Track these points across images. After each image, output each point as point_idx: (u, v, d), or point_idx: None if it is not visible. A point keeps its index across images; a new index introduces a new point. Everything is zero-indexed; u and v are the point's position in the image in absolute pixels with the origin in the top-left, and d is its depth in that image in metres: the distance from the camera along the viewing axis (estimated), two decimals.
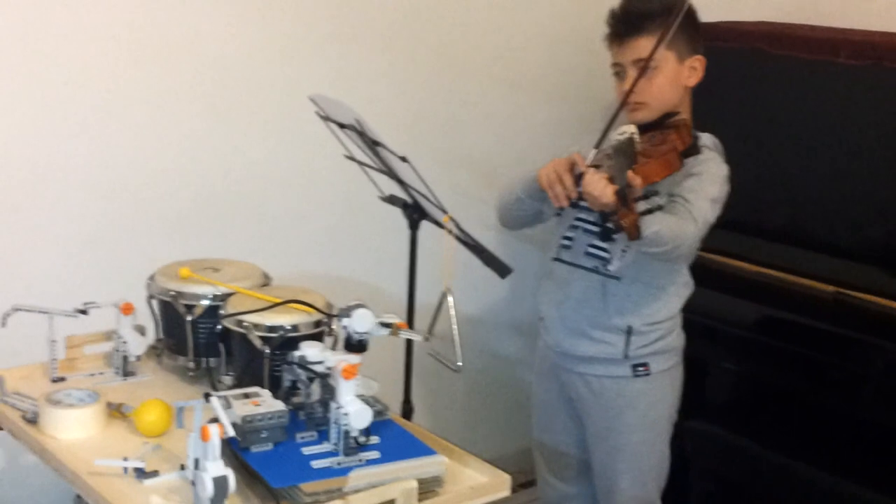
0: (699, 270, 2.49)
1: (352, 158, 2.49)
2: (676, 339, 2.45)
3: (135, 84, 2.66)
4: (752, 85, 3.05)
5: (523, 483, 3.22)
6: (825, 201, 2.92)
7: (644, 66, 2.24)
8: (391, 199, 2.50)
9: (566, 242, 2.43)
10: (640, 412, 2.43)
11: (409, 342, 2.49)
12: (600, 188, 2.02)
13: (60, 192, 2.59)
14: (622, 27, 2.31)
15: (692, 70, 2.34)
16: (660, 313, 2.39)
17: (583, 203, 2.17)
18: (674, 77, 2.31)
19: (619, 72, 2.34)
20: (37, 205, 2.56)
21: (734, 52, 3.01)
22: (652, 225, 2.09)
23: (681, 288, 2.42)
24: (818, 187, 2.94)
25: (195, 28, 2.73)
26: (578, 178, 2.15)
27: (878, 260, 2.81)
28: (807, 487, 2.72)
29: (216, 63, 2.78)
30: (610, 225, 2.03)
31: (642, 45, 2.27)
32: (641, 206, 2.01)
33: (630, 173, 2.00)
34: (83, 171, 2.61)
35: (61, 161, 2.58)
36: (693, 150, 2.25)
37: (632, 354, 2.38)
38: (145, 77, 2.67)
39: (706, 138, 2.35)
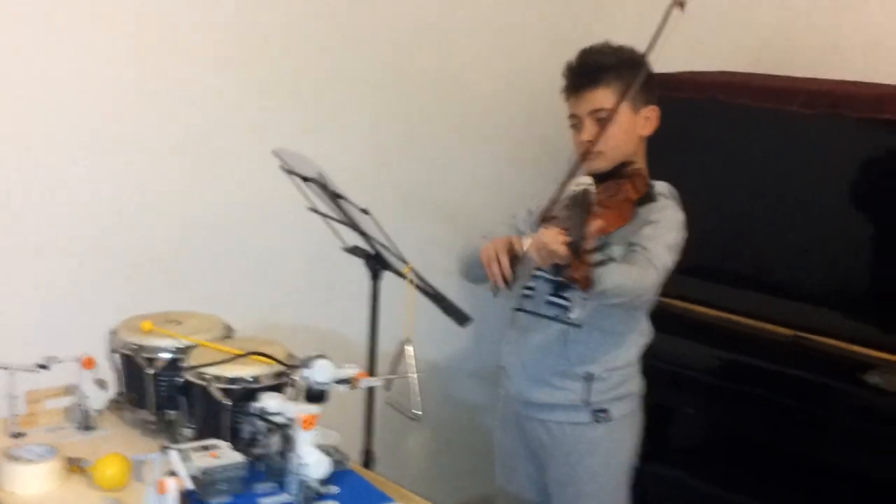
0: (660, 316, 2.53)
1: (315, 210, 2.52)
2: (636, 384, 2.48)
3: (97, 135, 2.68)
4: (711, 134, 3.12)
5: None
6: (783, 247, 2.99)
7: (608, 118, 2.29)
8: (354, 250, 2.53)
9: (528, 292, 2.46)
10: (601, 457, 2.46)
11: (369, 392, 2.50)
12: (553, 241, 2.04)
13: (20, 246, 2.60)
14: (578, 80, 2.36)
15: (646, 120, 2.39)
16: (619, 360, 2.42)
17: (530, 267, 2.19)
18: (629, 127, 2.36)
19: (575, 123, 2.39)
20: None
21: (693, 102, 3.08)
22: (611, 278, 2.12)
23: (639, 335, 2.46)
24: (776, 233, 3.00)
25: (161, 83, 2.76)
26: (514, 259, 2.21)
27: (836, 303, 2.87)
28: None
29: (179, 116, 2.80)
30: (562, 279, 2.05)
31: (598, 97, 2.33)
32: (594, 257, 2.03)
33: (583, 226, 2.02)
34: (43, 224, 2.62)
35: (21, 215, 2.59)
36: (649, 198, 2.29)
37: (592, 400, 2.41)
38: (108, 128, 2.69)
39: (662, 186, 2.40)
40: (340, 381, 1.96)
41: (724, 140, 3.09)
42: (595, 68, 2.35)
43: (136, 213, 2.77)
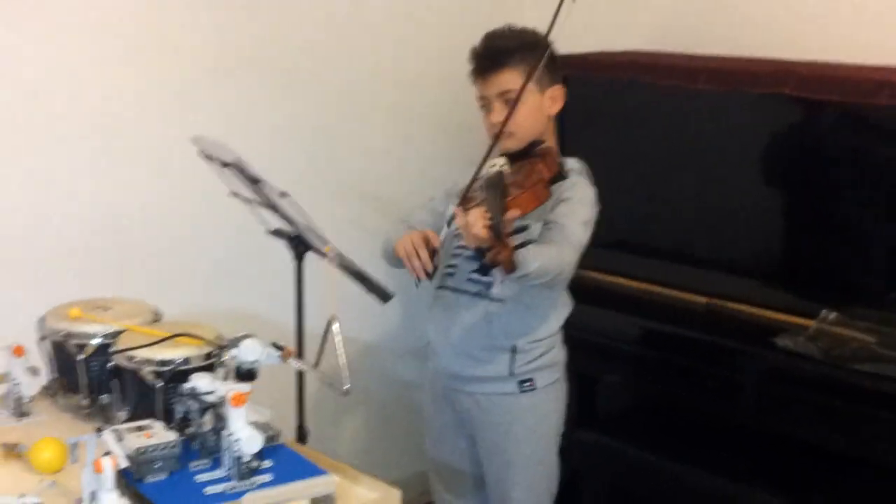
0: (581, 287, 2.61)
1: (236, 195, 2.56)
2: (558, 354, 2.56)
3: (22, 124, 2.69)
4: (622, 112, 3.21)
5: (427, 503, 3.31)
6: (695, 218, 3.09)
7: (516, 99, 2.36)
8: (277, 233, 2.57)
9: (450, 270, 2.53)
10: (529, 426, 2.53)
11: (299, 370, 2.55)
12: (475, 224, 2.09)
13: None
14: (484, 63, 2.44)
15: (553, 100, 2.47)
16: (542, 332, 2.50)
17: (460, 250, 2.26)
18: (536, 107, 2.43)
19: (484, 105, 2.47)
20: None
21: (604, 81, 3.17)
22: (534, 260, 2.18)
23: (560, 307, 2.54)
24: (688, 205, 3.10)
25: (82, 69, 2.77)
26: (433, 252, 2.29)
27: (747, 271, 2.98)
28: (691, 489, 2.84)
29: (102, 103, 2.82)
30: (486, 261, 2.09)
31: (504, 79, 2.40)
32: (515, 239, 2.09)
33: (502, 208, 2.08)
34: None
35: None
36: (560, 175, 2.37)
37: (517, 371, 2.49)
38: (33, 118, 2.70)
39: (572, 162, 2.48)
40: (275, 347, 2.01)
41: (635, 117, 3.18)
42: (499, 52, 2.42)
43: (61, 203, 2.78)
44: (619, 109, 3.21)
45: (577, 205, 2.39)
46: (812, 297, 2.81)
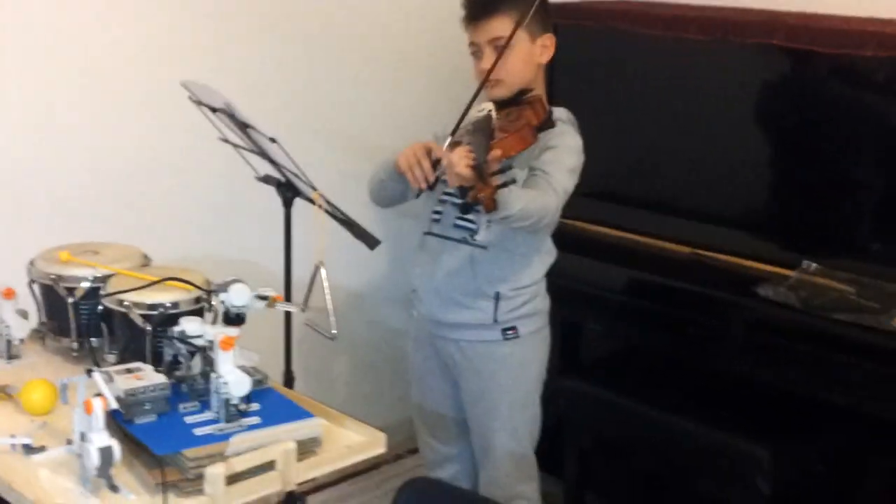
0: (566, 237, 2.63)
1: (226, 141, 2.57)
2: (542, 302, 2.59)
3: (11, 72, 2.68)
4: (612, 61, 3.21)
5: (411, 449, 3.35)
6: (680, 168, 3.10)
7: (504, 45, 2.36)
8: (266, 179, 2.59)
9: (435, 216, 2.55)
10: (512, 373, 2.57)
11: (287, 315, 2.58)
12: (459, 163, 2.11)
13: None
14: (475, 9, 2.44)
15: (544, 48, 2.47)
16: (525, 279, 2.52)
17: (444, 178, 2.29)
18: (527, 55, 2.44)
19: (475, 51, 2.47)
20: None
21: (594, 30, 3.16)
22: (517, 201, 2.20)
23: (544, 255, 2.57)
24: (674, 155, 3.11)
25: (68, 15, 2.76)
26: (436, 163, 2.28)
27: (730, 221, 2.99)
28: (673, 437, 2.87)
29: (90, 49, 2.81)
30: (468, 199, 2.12)
31: (495, 25, 2.40)
32: (498, 179, 2.11)
33: (487, 148, 2.11)
34: None
35: None
36: (548, 123, 2.39)
37: (501, 319, 2.51)
38: (21, 65, 2.70)
39: (560, 112, 2.49)
40: (259, 298, 2.03)
41: (623, 67, 3.18)
42: None
43: (53, 148, 2.79)
44: (609, 58, 3.21)
45: (562, 152, 2.41)
46: (794, 247, 2.83)
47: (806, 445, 2.75)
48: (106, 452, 1.68)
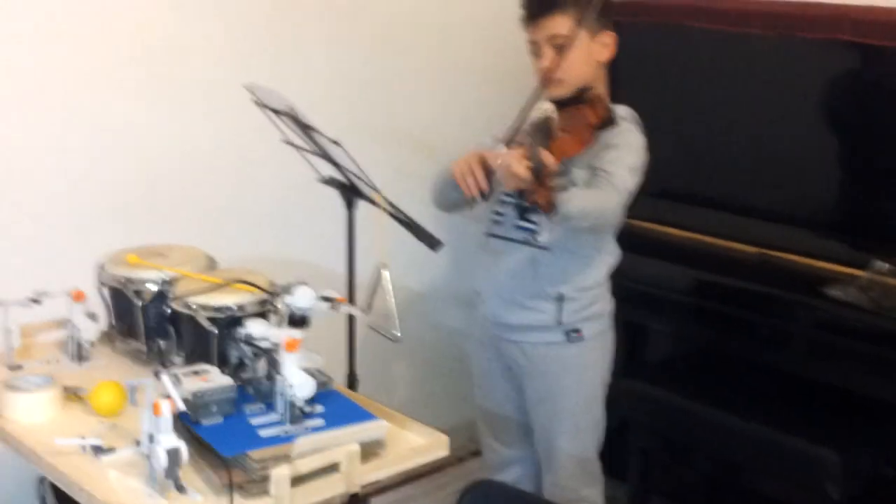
0: (631, 237, 2.60)
1: (289, 143, 2.58)
2: (606, 304, 2.57)
3: (78, 75, 2.72)
4: (673, 58, 3.18)
5: (474, 452, 3.34)
6: (746, 167, 3.07)
7: (565, 44, 2.35)
8: (329, 181, 2.60)
9: (497, 217, 2.54)
10: (576, 375, 2.55)
11: (350, 317, 2.59)
12: (515, 166, 2.10)
13: (8, 185, 2.65)
14: (535, 7, 2.43)
15: (604, 46, 2.45)
16: (589, 280, 2.50)
17: (501, 188, 2.28)
18: (586, 54, 2.42)
19: (534, 50, 2.46)
20: None
21: (654, 26, 3.15)
22: (575, 202, 2.18)
23: (607, 256, 2.54)
24: (739, 154, 3.08)
25: (135, 18, 2.80)
26: (490, 172, 2.27)
27: (798, 221, 2.96)
28: (739, 439, 2.84)
29: (155, 53, 2.85)
30: (525, 202, 2.11)
31: (554, 23, 2.39)
32: (557, 182, 2.09)
33: (544, 151, 2.09)
34: (30, 163, 2.68)
35: (7, 153, 2.64)
36: (609, 122, 2.36)
37: (564, 321, 2.50)
38: (88, 68, 2.74)
39: (622, 110, 2.46)
40: (324, 300, 2.05)
41: (686, 63, 3.15)
42: None
43: (118, 151, 2.83)
44: (673, 55, 3.18)
45: (624, 151, 2.38)
46: (864, 247, 2.78)
47: (876, 449, 2.70)
48: (173, 453, 1.69)
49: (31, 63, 2.65)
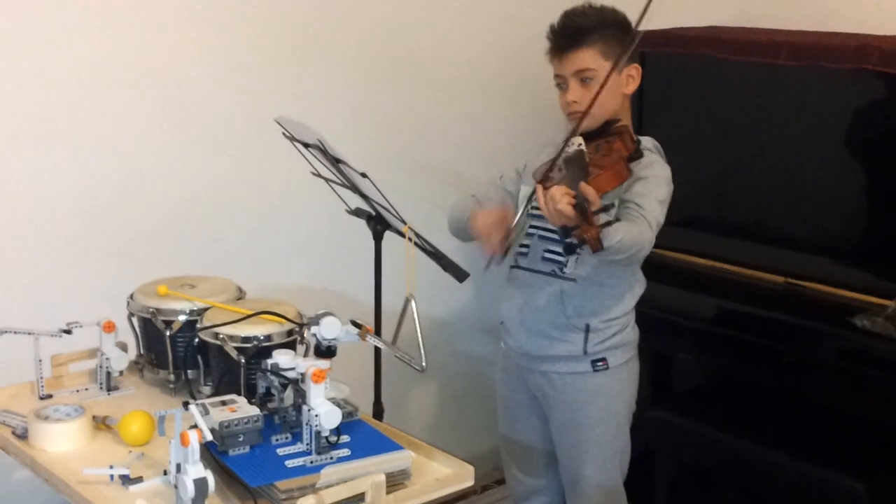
0: (656, 267, 2.60)
1: (318, 175, 2.61)
2: (631, 333, 2.56)
3: (109, 106, 2.76)
4: (701, 88, 3.18)
5: (498, 480, 3.34)
6: (772, 197, 3.06)
7: (592, 78, 2.37)
8: (357, 212, 2.62)
9: (523, 250, 2.54)
10: (601, 405, 2.54)
11: (377, 349, 2.60)
12: (561, 202, 2.09)
13: (39, 216, 2.69)
14: (561, 41, 2.43)
15: (629, 78, 2.46)
16: (615, 311, 2.50)
17: (514, 244, 2.32)
18: (613, 86, 2.41)
19: (560, 83, 2.46)
20: (16, 229, 2.66)
21: (682, 57, 3.14)
22: (615, 235, 2.18)
23: (634, 286, 2.54)
24: (766, 184, 3.07)
25: (164, 52, 2.84)
26: (507, 233, 2.34)
27: (824, 250, 2.94)
28: (764, 468, 2.83)
29: (185, 84, 2.89)
30: (572, 240, 2.09)
31: (581, 58, 2.40)
32: (601, 218, 2.08)
33: (586, 187, 2.07)
34: (60, 193, 2.71)
35: (39, 183, 2.68)
36: (636, 154, 2.37)
37: (590, 351, 2.49)
38: (119, 99, 2.78)
39: (647, 141, 2.47)
40: (353, 325, 2.06)
41: (712, 94, 3.15)
42: (577, 30, 2.41)
43: (149, 184, 2.86)
44: (698, 85, 3.18)
45: (653, 183, 2.38)
46: (891, 276, 2.77)
47: None
48: (201, 484, 1.70)
49: (66, 99, 2.69)
